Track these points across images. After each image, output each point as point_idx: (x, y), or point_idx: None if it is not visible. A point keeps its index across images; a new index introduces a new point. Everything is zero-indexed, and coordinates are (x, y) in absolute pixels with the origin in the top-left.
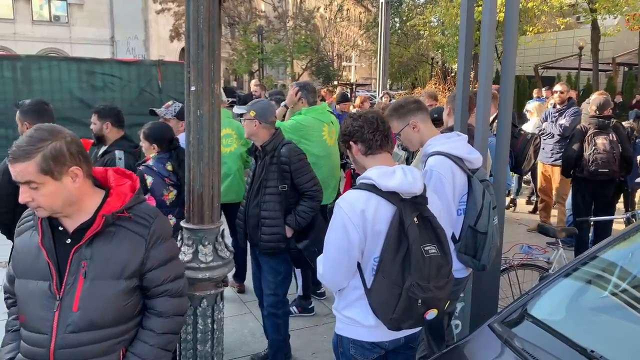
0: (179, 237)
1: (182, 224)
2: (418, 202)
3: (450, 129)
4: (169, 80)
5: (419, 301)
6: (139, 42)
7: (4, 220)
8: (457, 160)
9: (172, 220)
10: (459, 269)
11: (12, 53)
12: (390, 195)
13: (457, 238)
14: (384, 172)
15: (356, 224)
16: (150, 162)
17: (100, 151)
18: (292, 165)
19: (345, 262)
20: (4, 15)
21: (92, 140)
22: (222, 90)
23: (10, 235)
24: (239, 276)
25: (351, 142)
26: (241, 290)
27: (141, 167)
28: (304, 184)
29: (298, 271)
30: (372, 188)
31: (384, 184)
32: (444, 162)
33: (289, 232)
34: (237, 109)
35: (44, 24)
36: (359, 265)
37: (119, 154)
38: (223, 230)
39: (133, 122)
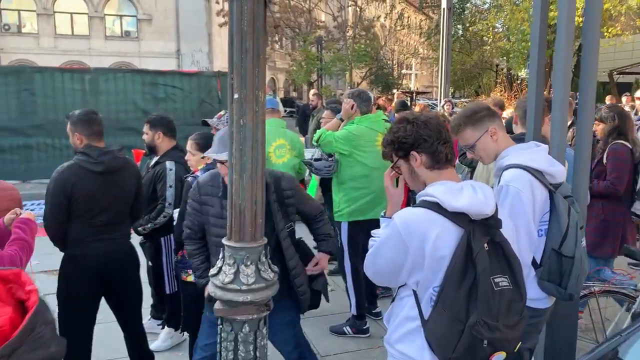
0: (220, 255)
1: (224, 241)
2: (489, 225)
3: (521, 139)
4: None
5: (485, 342)
6: (203, 55)
7: (57, 233)
8: (537, 174)
9: None
10: (540, 298)
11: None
12: (457, 217)
13: (539, 263)
14: (451, 189)
15: (413, 247)
16: (198, 173)
17: (152, 162)
18: (297, 195)
19: (395, 275)
20: (80, 32)
21: (144, 151)
22: (278, 99)
23: (63, 247)
24: None
25: (414, 152)
26: None
27: (189, 179)
28: (313, 209)
29: (351, 289)
30: (436, 207)
31: (450, 203)
32: (522, 177)
33: (324, 261)
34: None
35: (116, 39)
36: (415, 293)
37: (169, 164)
38: (267, 248)
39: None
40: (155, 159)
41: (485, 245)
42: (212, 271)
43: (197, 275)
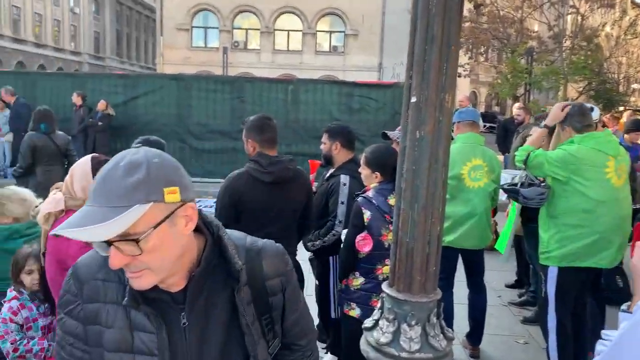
0: (379, 305)
1: (384, 287)
2: None
3: None
4: None
5: None
6: (403, 68)
7: None
8: None
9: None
10: None
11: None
12: None
13: None
14: None
15: None
16: (370, 193)
17: (327, 174)
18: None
19: None
20: (294, 47)
21: (321, 162)
22: (477, 112)
23: None
24: (475, 334)
25: None
26: (475, 355)
27: (359, 199)
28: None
29: (554, 350)
30: None
31: None
32: None
33: None
34: None
35: (324, 54)
36: None
37: (344, 178)
38: (442, 306)
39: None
40: (331, 171)
41: None
42: (367, 323)
43: None
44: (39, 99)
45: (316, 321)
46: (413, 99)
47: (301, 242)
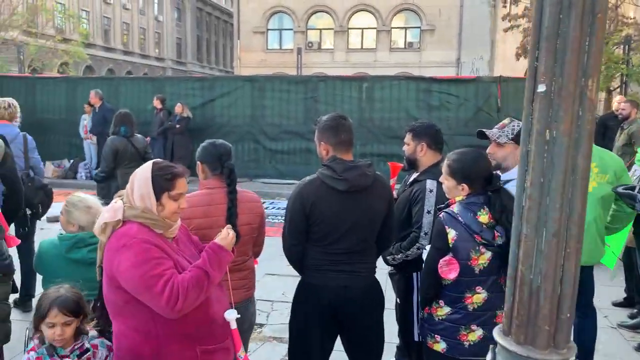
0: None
1: (496, 336)
2: None
3: None
4: (510, 99)
5: None
6: (483, 63)
7: (293, 255)
8: None
9: (482, 295)
10: None
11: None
12: None
13: None
14: None
15: None
16: (455, 208)
17: (411, 178)
18: None
19: None
20: (368, 45)
21: (403, 165)
22: None
23: (300, 271)
24: None
25: None
26: None
27: (442, 215)
28: None
29: None
30: None
31: None
32: None
33: None
34: None
35: (399, 51)
36: None
37: (430, 184)
38: None
39: (465, 144)
40: (415, 175)
41: None
42: None
43: None
44: (121, 103)
45: (398, 341)
46: (541, 88)
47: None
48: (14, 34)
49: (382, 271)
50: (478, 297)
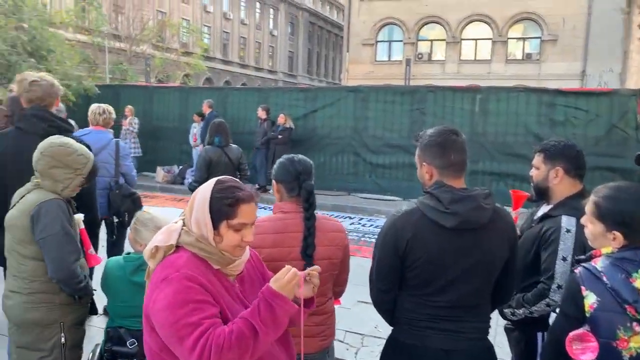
0: None
1: None
2: None
3: None
4: None
5: None
6: (613, 76)
7: (382, 303)
8: None
9: None
10: None
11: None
12: None
13: None
14: None
15: None
16: (599, 264)
17: (539, 212)
18: None
19: None
20: (482, 56)
21: (530, 194)
22: None
23: (390, 321)
24: None
25: None
26: None
27: (579, 271)
28: None
29: None
30: None
31: None
32: None
33: None
34: None
35: (515, 63)
36: None
37: (567, 222)
38: None
39: (594, 165)
40: (546, 208)
41: None
42: None
43: None
44: (228, 113)
45: None
46: None
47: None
48: (143, 47)
49: (493, 321)
50: None
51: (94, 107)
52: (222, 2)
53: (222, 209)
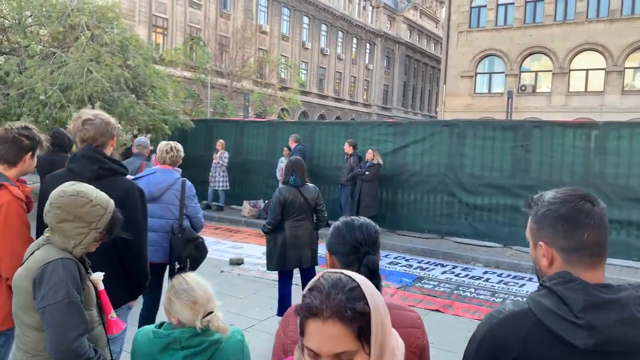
0: None
1: None
2: None
3: None
4: None
5: None
6: None
7: None
8: None
9: None
10: None
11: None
12: None
13: None
14: None
15: None
16: None
17: None
18: None
19: None
20: (594, 88)
21: None
22: None
23: None
24: None
25: None
26: None
27: None
28: None
29: None
30: None
31: None
32: None
33: None
34: None
35: (633, 94)
36: None
37: None
38: None
39: None
40: None
41: None
42: None
43: None
44: (315, 147)
45: None
46: None
47: None
48: (244, 83)
49: None
50: None
51: (162, 144)
52: (320, 39)
53: None
